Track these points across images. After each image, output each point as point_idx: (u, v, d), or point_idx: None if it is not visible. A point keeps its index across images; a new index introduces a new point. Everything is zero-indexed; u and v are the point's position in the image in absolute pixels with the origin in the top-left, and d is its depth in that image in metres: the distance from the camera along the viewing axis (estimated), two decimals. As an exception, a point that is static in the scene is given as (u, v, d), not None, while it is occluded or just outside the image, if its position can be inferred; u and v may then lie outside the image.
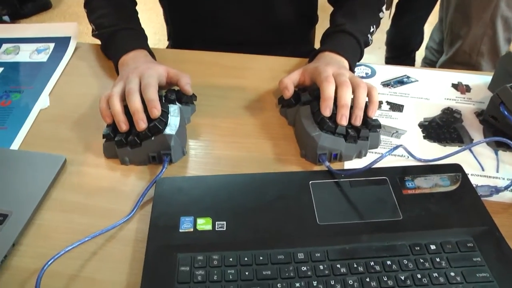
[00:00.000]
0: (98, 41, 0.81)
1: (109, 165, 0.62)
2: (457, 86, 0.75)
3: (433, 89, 0.75)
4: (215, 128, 0.68)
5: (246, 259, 0.48)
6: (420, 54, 1.80)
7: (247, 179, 0.58)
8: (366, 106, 0.62)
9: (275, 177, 0.58)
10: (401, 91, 0.74)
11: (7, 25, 0.91)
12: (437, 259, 0.48)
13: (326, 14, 0.82)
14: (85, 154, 0.64)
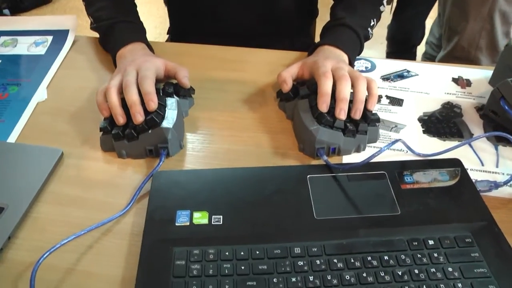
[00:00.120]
0: (96, 35, 0.81)
1: (106, 158, 0.62)
2: (457, 80, 0.75)
3: (433, 83, 0.74)
4: (213, 121, 0.68)
5: (242, 253, 0.48)
6: (421, 49, 1.79)
7: (245, 173, 0.58)
8: (366, 100, 0.61)
9: (273, 171, 0.58)
10: (401, 85, 0.74)
11: (5, 17, 0.90)
12: (435, 255, 0.48)
13: (327, 8, 0.81)
14: (82, 147, 0.63)
